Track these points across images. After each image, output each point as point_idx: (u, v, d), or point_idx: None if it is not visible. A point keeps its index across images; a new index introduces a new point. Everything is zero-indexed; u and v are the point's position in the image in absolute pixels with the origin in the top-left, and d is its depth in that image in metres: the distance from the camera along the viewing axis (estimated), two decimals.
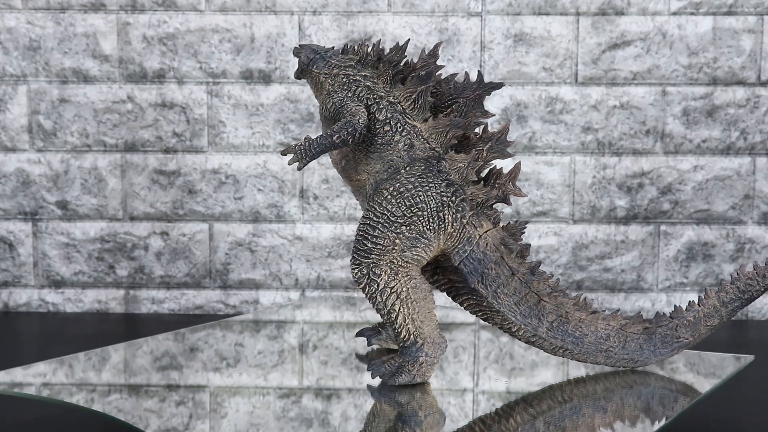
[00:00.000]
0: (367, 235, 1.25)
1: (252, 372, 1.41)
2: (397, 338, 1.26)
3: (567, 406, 1.23)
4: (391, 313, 1.25)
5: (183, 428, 1.15)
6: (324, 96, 1.31)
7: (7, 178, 2.13)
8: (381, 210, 1.25)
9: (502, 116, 2.11)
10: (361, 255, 1.25)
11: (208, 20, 2.09)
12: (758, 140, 2.11)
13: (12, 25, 2.10)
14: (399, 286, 1.25)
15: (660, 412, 1.21)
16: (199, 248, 2.14)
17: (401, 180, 1.25)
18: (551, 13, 2.09)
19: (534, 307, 1.28)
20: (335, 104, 1.28)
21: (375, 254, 1.24)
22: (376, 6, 2.09)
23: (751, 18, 2.08)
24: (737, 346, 1.94)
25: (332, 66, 1.31)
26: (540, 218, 2.13)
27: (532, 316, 1.28)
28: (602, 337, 1.30)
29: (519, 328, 1.29)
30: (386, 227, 1.24)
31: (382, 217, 1.25)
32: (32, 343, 1.93)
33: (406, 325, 1.25)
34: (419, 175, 1.25)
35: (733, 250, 2.13)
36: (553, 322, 1.29)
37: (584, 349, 1.30)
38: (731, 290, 1.34)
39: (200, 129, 2.12)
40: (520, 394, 1.30)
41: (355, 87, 1.29)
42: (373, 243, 1.25)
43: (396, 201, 1.25)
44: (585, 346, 1.30)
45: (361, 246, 1.25)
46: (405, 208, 1.24)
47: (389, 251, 1.24)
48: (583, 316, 1.30)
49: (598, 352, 1.31)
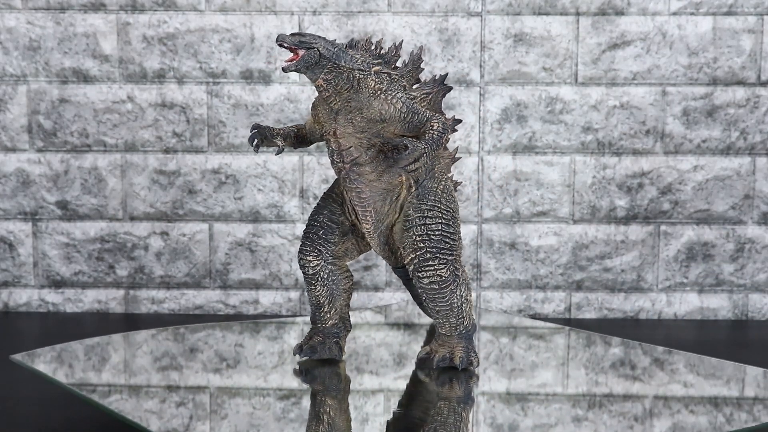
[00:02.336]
0: (446, 233, 1.29)
1: (252, 373, 1.41)
2: (457, 327, 1.32)
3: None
4: (464, 304, 1.31)
5: (183, 429, 1.15)
6: (370, 94, 1.25)
7: (7, 178, 2.13)
8: (445, 207, 1.30)
9: (503, 116, 2.11)
10: (446, 254, 1.28)
11: (208, 20, 2.09)
12: (758, 140, 2.11)
13: (12, 25, 2.09)
14: (464, 276, 1.32)
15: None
16: (199, 248, 2.14)
17: (438, 177, 1.32)
18: (551, 13, 2.09)
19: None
20: (404, 103, 1.25)
21: (456, 251, 1.30)
22: (376, 6, 2.09)
23: (751, 18, 2.08)
24: (737, 346, 1.94)
25: (367, 63, 1.26)
26: (540, 218, 2.13)
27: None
28: None
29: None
30: (455, 222, 1.31)
31: (448, 213, 1.30)
32: (32, 343, 1.93)
33: (470, 313, 1.33)
34: (443, 171, 1.33)
35: (733, 250, 2.13)
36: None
37: None
38: None
39: (200, 129, 2.12)
40: (521, 394, 1.30)
41: (399, 86, 1.29)
42: (453, 240, 1.29)
43: (448, 196, 1.32)
44: None
45: (444, 245, 1.28)
46: (453, 203, 1.32)
47: (460, 245, 1.31)
48: None
49: None
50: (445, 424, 1.18)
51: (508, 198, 2.12)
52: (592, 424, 1.17)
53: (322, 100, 1.27)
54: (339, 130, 1.26)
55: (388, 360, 1.43)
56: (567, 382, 1.37)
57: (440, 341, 1.34)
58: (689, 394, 1.31)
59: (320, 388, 1.32)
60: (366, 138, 1.26)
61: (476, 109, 2.10)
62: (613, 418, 1.19)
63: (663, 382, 1.36)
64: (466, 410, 1.23)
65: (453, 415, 1.21)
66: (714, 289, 2.14)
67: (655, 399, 1.28)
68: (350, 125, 1.25)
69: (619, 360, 1.49)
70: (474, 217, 2.13)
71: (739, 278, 2.14)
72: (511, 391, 1.32)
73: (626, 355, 1.52)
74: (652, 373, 1.41)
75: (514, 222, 2.13)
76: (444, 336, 1.33)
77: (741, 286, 2.14)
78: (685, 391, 1.32)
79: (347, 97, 1.25)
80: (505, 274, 2.14)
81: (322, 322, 1.38)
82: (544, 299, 2.14)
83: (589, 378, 1.38)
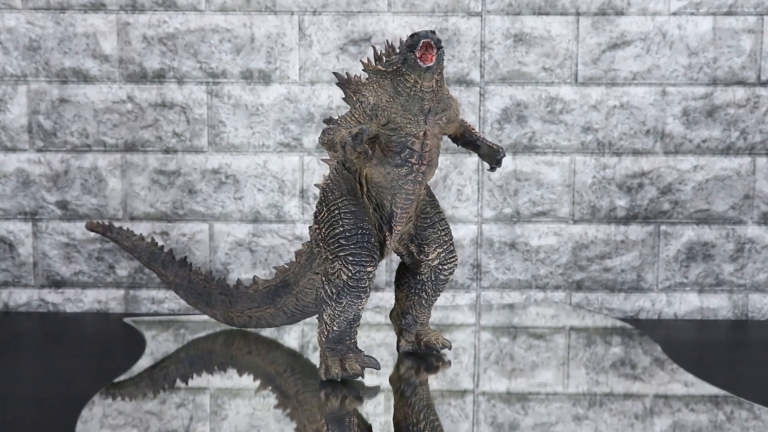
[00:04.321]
0: (450, 230, 1.37)
1: (252, 373, 1.41)
2: (429, 315, 1.42)
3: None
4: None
5: (183, 431, 1.15)
6: (448, 95, 1.26)
7: (7, 178, 2.13)
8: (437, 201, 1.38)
9: (503, 116, 2.11)
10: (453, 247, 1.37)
11: (208, 20, 2.09)
12: (758, 140, 2.11)
13: (12, 25, 2.09)
14: None
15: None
16: (199, 248, 2.14)
17: None
18: (551, 13, 2.09)
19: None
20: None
21: None
22: (376, 6, 2.09)
23: (751, 18, 2.08)
24: (737, 346, 1.94)
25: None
26: (540, 218, 2.13)
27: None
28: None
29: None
30: None
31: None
32: (32, 343, 1.93)
33: None
34: None
35: (733, 250, 2.13)
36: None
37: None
38: None
39: (200, 129, 2.12)
40: (521, 394, 1.30)
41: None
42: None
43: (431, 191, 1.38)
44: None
45: (452, 239, 1.36)
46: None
47: None
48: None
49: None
50: (445, 421, 1.18)
51: (508, 198, 2.12)
52: (593, 423, 1.17)
53: (417, 100, 1.21)
54: (429, 131, 1.24)
55: (389, 360, 1.43)
56: (567, 381, 1.37)
57: (417, 331, 1.42)
58: (689, 393, 1.31)
59: (320, 389, 1.32)
60: (439, 138, 1.27)
61: (476, 109, 2.10)
62: (613, 416, 1.19)
63: (663, 381, 1.36)
64: (468, 407, 1.23)
65: (455, 413, 1.21)
66: (714, 289, 2.14)
67: (656, 398, 1.28)
68: (437, 126, 1.25)
69: (619, 359, 1.49)
70: (474, 217, 2.13)
71: (739, 278, 2.14)
72: (512, 390, 1.32)
73: (626, 355, 1.52)
74: (653, 372, 1.42)
75: (514, 222, 2.13)
76: (420, 326, 1.41)
77: (741, 286, 2.14)
78: (686, 390, 1.32)
79: (439, 97, 1.23)
80: (505, 274, 2.14)
81: (351, 338, 1.29)
82: (544, 299, 2.14)
83: (589, 377, 1.38)
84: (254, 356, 1.51)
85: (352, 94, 1.26)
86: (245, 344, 1.56)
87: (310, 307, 1.42)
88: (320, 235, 1.28)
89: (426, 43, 1.17)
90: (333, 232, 1.25)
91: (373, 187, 1.27)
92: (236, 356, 1.50)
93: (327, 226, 1.27)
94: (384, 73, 1.22)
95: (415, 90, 1.20)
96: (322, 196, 1.30)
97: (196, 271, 1.56)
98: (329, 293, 1.25)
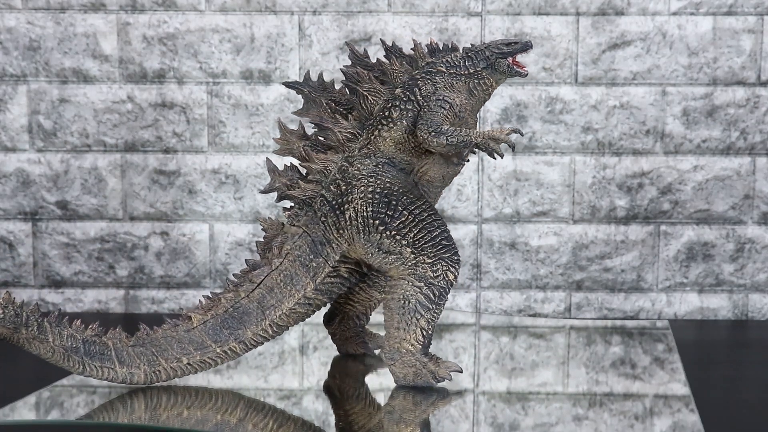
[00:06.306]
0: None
1: (252, 373, 1.41)
2: None
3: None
4: None
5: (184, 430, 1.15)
6: None
7: (7, 178, 2.13)
8: None
9: (502, 116, 2.11)
10: None
11: (208, 20, 2.09)
12: (758, 140, 2.11)
13: (12, 25, 2.09)
14: None
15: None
16: (199, 248, 2.14)
17: None
18: (551, 13, 2.09)
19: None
20: None
21: None
22: (376, 6, 2.09)
23: (751, 18, 2.08)
24: (737, 346, 1.94)
25: None
26: (540, 218, 2.13)
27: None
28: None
29: None
30: None
31: None
32: None
33: None
34: None
35: (733, 250, 2.13)
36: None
37: None
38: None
39: (200, 129, 2.12)
40: (521, 394, 1.30)
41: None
42: None
43: None
44: None
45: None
46: None
47: None
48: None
49: None
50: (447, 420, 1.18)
51: (508, 198, 2.12)
52: (593, 423, 1.17)
53: (482, 102, 1.27)
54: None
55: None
56: (567, 381, 1.37)
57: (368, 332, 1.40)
58: (689, 392, 1.31)
59: (321, 389, 1.32)
60: None
61: None
62: (613, 416, 1.19)
63: (663, 381, 1.36)
64: (468, 407, 1.23)
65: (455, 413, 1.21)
66: (714, 289, 2.14)
67: (656, 398, 1.28)
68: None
69: (619, 359, 1.49)
70: (474, 217, 2.13)
71: (739, 278, 2.14)
72: (512, 390, 1.32)
73: (626, 354, 1.52)
74: (653, 372, 1.42)
75: (514, 222, 2.13)
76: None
77: (741, 286, 2.14)
78: (686, 390, 1.32)
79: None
80: (505, 274, 2.14)
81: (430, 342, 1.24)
82: (544, 299, 2.14)
83: (589, 377, 1.38)
84: (254, 356, 1.50)
85: (381, 92, 1.27)
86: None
87: (287, 325, 1.27)
88: (404, 240, 1.21)
89: (525, 50, 1.25)
90: (430, 235, 1.21)
91: (425, 185, 1.27)
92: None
93: (417, 230, 1.21)
94: (458, 75, 1.25)
95: (488, 93, 1.26)
96: (384, 199, 1.23)
97: (80, 327, 1.26)
98: (432, 297, 1.20)
